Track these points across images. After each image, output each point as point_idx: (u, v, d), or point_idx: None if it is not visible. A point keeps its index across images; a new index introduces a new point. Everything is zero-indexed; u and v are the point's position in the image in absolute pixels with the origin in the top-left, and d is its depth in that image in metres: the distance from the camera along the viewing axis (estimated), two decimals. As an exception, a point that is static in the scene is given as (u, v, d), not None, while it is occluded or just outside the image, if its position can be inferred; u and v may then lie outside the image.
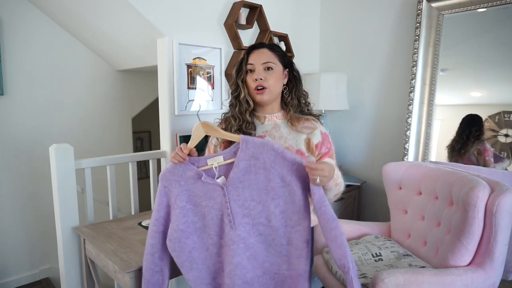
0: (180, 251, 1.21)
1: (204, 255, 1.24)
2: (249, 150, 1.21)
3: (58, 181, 1.79)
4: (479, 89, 2.35)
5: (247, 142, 1.21)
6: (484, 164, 2.22)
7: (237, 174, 1.21)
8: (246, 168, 1.21)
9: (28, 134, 2.83)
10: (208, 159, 1.23)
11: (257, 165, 1.20)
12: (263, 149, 1.20)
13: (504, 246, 1.56)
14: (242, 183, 1.21)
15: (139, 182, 2.34)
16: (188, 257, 1.22)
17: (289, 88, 1.39)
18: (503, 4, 2.15)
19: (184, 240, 1.21)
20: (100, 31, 2.60)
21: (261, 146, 1.21)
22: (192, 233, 1.22)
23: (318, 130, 1.36)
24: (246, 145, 1.21)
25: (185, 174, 1.23)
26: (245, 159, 1.21)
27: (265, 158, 1.20)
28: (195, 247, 1.23)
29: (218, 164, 1.23)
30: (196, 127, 1.23)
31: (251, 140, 1.21)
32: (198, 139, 1.24)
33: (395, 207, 2.11)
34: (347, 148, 3.06)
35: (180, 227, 1.21)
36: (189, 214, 1.23)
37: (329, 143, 1.38)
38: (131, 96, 3.46)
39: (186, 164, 1.23)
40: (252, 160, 1.20)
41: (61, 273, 1.88)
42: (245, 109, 1.33)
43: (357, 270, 1.20)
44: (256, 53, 1.33)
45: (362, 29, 2.87)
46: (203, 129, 1.24)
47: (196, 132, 1.23)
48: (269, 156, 1.20)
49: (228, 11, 2.44)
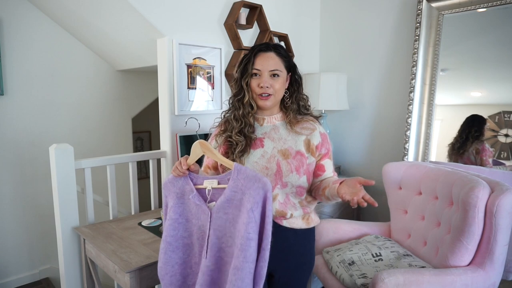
0: (164, 262, 1.20)
1: (187, 272, 1.22)
2: (238, 181, 1.15)
3: (58, 181, 1.79)
4: (479, 89, 2.35)
5: (239, 172, 1.15)
6: (481, 163, 2.23)
7: (223, 204, 1.16)
8: (230, 200, 1.15)
9: (28, 134, 2.83)
10: (205, 179, 1.22)
11: (242, 201, 1.13)
12: (252, 185, 1.12)
13: (504, 246, 1.56)
14: (226, 215, 1.16)
15: (139, 182, 2.34)
16: (170, 271, 1.21)
17: (290, 92, 1.38)
18: (503, 4, 2.15)
19: (170, 253, 1.20)
20: (100, 31, 2.60)
21: (252, 181, 1.12)
22: (179, 248, 1.21)
23: (318, 131, 1.36)
24: (237, 175, 1.15)
25: (183, 188, 1.22)
26: (233, 190, 1.15)
27: (250, 196, 1.11)
28: (179, 262, 1.21)
29: (211, 187, 1.20)
30: (194, 145, 1.22)
31: (243, 171, 1.15)
32: (197, 156, 1.22)
33: (395, 207, 2.11)
34: (347, 148, 3.06)
35: (167, 239, 1.20)
36: (180, 228, 1.21)
37: (328, 143, 1.38)
38: (131, 96, 3.46)
39: (186, 177, 1.22)
40: (239, 193, 1.14)
41: (61, 273, 1.88)
42: (248, 112, 1.32)
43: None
44: (264, 57, 1.31)
45: (362, 29, 2.87)
46: (200, 148, 1.21)
47: (194, 149, 1.22)
48: (255, 196, 1.11)
49: (228, 11, 2.44)
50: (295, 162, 1.29)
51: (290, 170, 1.28)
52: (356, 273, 1.72)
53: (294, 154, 1.30)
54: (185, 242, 1.22)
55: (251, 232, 1.09)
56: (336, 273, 1.81)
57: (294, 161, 1.29)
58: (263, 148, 1.32)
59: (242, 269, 1.07)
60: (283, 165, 1.28)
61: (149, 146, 4.72)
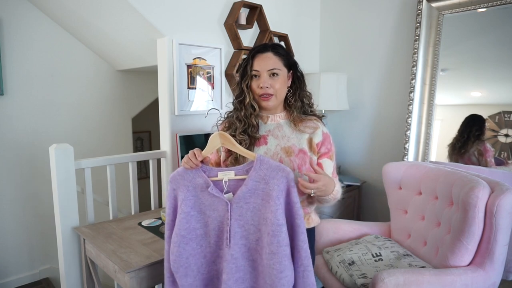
0: (178, 256, 1.20)
1: (200, 262, 1.23)
2: (261, 171, 1.17)
3: (58, 181, 1.79)
4: (479, 89, 2.35)
5: (262, 162, 1.18)
6: (486, 165, 2.22)
7: (245, 194, 1.18)
8: (254, 190, 1.18)
9: (28, 134, 2.83)
10: (219, 171, 1.22)
11: (265, 190, 1.16)
12: (276, 174, 1.16)
13: (504, 246, 1.56)
14: (247, 204, 1.18)
15: (139, 182, 2.34)
16: (184, 263, 1.21)
17: (292, 90, 1.38)
18: (503, 4, 2.15)
19: (184, 246, 1.20)
20: (100, 31, 2.60)
21: (275, 170, 1.17)
22: (192, 239, 1.21)
23: (320, 130, 1.36)
24: (260, 166, 1.18)
25: (194, 180, 1.22)
26: (255, 180, 1.17)
27: (274, 185, 1.15)
28: (193, 253, 1.22)
29: (228, 179, 1.21)
30: (213, 136, 1.22)
31: (266, 161, 1.18)
32: (213, 148, 1.23)
33: (395, 207, 2.11)
34: (347, 148, 3.06)
35: (181, 233, 1.20)
36: (192, 220, 1.21)
37: (330, 144, 1.38)
38: (131, 96, 3.46)
39: (197, 170, 1.22)
40: (262, 183, 1.17)
41: (61, 273, 1.88)
42: (250, 113, 1.33)
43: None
44: (261, 58, 1.31)
45: (362, 29, 2.87)
46: (219, 139, 1.22)
47: (212, 141, 1.22)
48: (279, 184, 1.16)
49: (228, 11, 2.44)
50: (298, 160, 1.30)
51: (292, 168, 1.28)
52: (356, 273, 1.72)
53: (297, 152, 1.31)
54: (198, 233, 1.22)
55: (280, 219, 1.13)
56: (336, 273, 1.81)
57: (296, 159, 1.30)
58: (267, 146, 1.33)
59: (277, 253, 1.12)
60: (286, 163, 1.29)
61: (149, 146, 4.72)
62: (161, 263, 1.48)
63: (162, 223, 1.84)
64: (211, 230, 1.21)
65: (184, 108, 2.25)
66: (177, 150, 2.12)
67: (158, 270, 1.49)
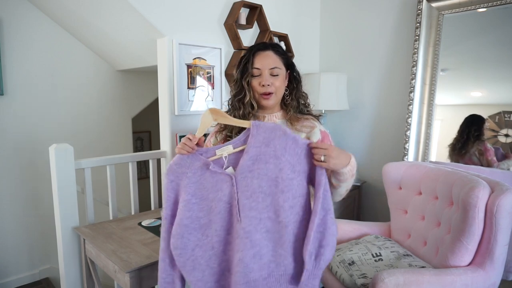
0: (183, 248, 1.12)
1: (208, 255, 1.15)
2: (259, 136, 1.14)
3: (58, 181, 1.79)
4: (479, 89, 2.35)
5: (258, 127, 1.15)
6: (488, 164, 2.22)
7: (247, 162, 1.13)
8: (256, 156, 1.14)
9: (28, 134, 2.83)
10: (216, 149, 1.17)
11: (268, 153, 1.13)
12: (274, 134, 1.14)
13: (504, 246, 1.56)
14: (251, 173, 1.13)
15: (139, 182, 2.34)
16: (190, 256, 1.14)
17: (289, 89, 1.39)
18: (503, 4, 2.15)
19: (187, 236, 1.13)
20: (100, 31, 2.60)
21: (273, 131, 1.14)
22: (196, 229, 1.14)
23: (318, 128, 1.36)
24: (257, 130, 1.15)
25: (192, 165, 1.16)
26: (255, 146, 1.14)
27: (276, 144, 1.13)
28: (199, 244, 1.14)
29: (227, 154, 1.17)
30: (204, 114, 1.18)
31: (262, 125, 1.15)
32: (206, 127, 1.17)
33: (395, 207, 2.11)
34: (347, 148, 3.04)
35: (184, 222, 1.13)
36: (194, 208, 1.14)
37: (329, 141, 1.38)
38: (131, 96, 3.47)
39: (194, 154, 1.16)
40: (262, 146, 1.14)
41: (61, 273, 1.88)
42: (248, 112, 1.33)
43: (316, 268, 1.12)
44: (262, 56, 1.32)
45: (362, 29, 2.87)
46: (211, 115, 1.17)
47: (204, 119, 1.17)
48: (280, 143, 1.13)
49: (228, 11, 2.44)
50: None
51: None
52: (356, 273, 1.72)
53: None
54: (202, 223, 1.15)
55: (289, 173, 1.11)
56: (336, 273, 1.81)
57: None
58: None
59: (294, 205, 1.11)
60: None
61: (149, 146, 4.72)
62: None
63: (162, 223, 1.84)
64: (216, 215, 1.14)
65: (184, 108, 2.25)
66: (177, 150, 2.11)
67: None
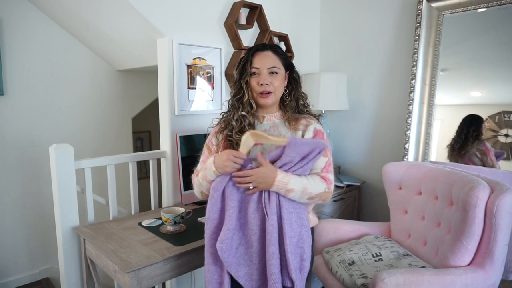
0: (229, 249, 1.23)
1: (250, 252, 1.26)
2: (293, 153, 1.23)
3: (58, 181, 1.79)
4: (479, 89, 2.35)
5: (295, 146, 1.22)
6: (492, 165, 2.21)
7: (277, 164, 1.24)
8: (285, 163, 1.24)
9: (28, 134, 2.83)
10: (251, 165, 1.27)
11: (296, 160, 1.24)
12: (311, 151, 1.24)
13: (504, 246, 1.56)
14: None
15: (139, 182, 2.34)
16: (235, 254, 1.24)
17: (288, 90, 1.40)
18: (503, 4, 2.15)
19: (232, 236, 1.23)
20: (100, 31, 2.60)
21: (310, 145, 1.24)
22: (237, 229, 1.25)
23: (313, 126, 1.37)
24: (293, 149, 1.22)
25: (223, 181, 1.26)
26: (291, 155, 1.24)
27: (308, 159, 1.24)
28: (241, 243, 1.26)
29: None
30: (245, 136, 1.25)
31: (299, 143, 1.23)
32: (249, 148, 1.26)
33: (395, 207, 2.11)
34: (347, 148, 3.06)
35: (232, 226, 1.24)
36: (236, 211, 1.25)
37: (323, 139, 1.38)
38: (131, 96, 3.46)
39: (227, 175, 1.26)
40: (296, 157, 1.24)
41: (61, 273, 1.88)
42: (247, 111, 1.34)
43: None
44: (261, 56, 1.33)
45: (362, 29, 2.87)
46: (252, 138, 1.25)
47: (246, 141, 1.25)
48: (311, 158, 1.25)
49: (228, 11, 2.44)
50: None
51: None
52: (356, 273, 1.72)
53: None
54: (241, 223, 1.26)
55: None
56: (336, 273, 1.81)
57: None
58: (262, 145, 1.33)
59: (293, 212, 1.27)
60: None
61: (149, 146, 4.72)
62: (161, 263, 1.48)
63: (162, 223, 1.84)
64: (251, 215, 1.24)
65: (184, 108, 2.25)
66: (177, 150, 2.11)
67: (158, 270, 1.49)
